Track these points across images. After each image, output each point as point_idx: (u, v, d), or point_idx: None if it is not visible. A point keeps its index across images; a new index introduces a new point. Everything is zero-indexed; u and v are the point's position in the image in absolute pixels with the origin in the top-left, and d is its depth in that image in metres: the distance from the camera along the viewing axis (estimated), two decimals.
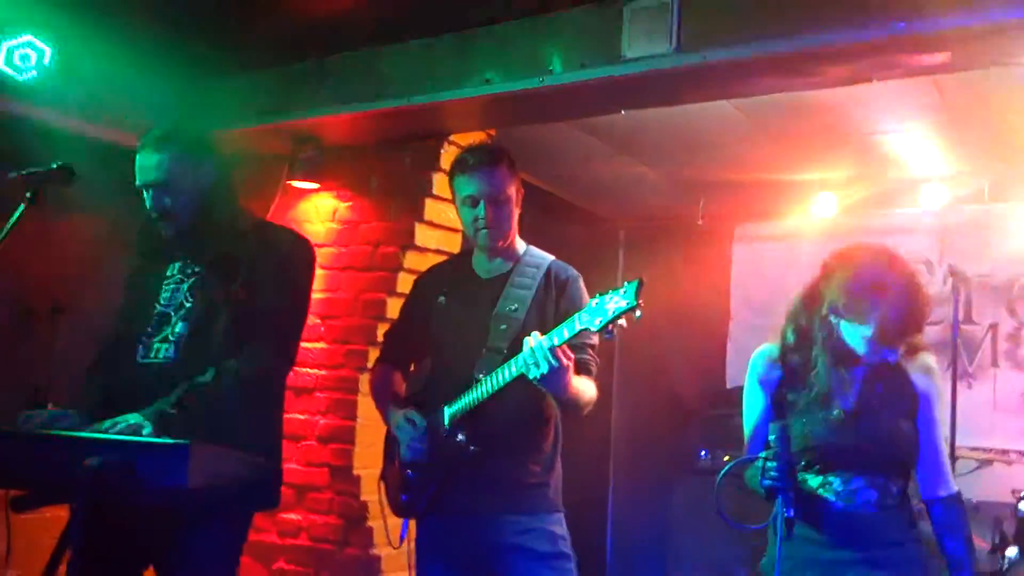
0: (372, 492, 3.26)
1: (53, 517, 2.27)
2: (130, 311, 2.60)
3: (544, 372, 2.31)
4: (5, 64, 3.35)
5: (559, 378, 2.35)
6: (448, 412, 2.59)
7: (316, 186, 4.38)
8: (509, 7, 3.41)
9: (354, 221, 4.35)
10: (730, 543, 4.64)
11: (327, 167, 4.32)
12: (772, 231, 5.74)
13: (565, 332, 2.33)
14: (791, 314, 2.40)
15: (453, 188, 2.72)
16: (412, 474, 2.69)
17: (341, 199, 4.40)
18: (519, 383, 2.43)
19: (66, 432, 2.18)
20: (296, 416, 4.23)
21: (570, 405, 2.55)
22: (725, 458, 2.58)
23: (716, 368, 5.85)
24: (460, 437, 2.55)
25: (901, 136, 4.42)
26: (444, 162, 4.08)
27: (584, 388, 2.53)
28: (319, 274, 4.35)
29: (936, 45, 2.85)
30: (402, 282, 4.11)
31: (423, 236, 4.19)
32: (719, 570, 4.82)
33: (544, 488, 2.63)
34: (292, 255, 2.60)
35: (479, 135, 4.05)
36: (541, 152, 4.77)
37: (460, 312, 2.71)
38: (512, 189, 2.67)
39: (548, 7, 3.35)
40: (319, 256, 4.33)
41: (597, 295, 2.30)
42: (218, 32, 3.71)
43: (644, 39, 3.14)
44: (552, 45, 3.34)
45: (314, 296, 4.28)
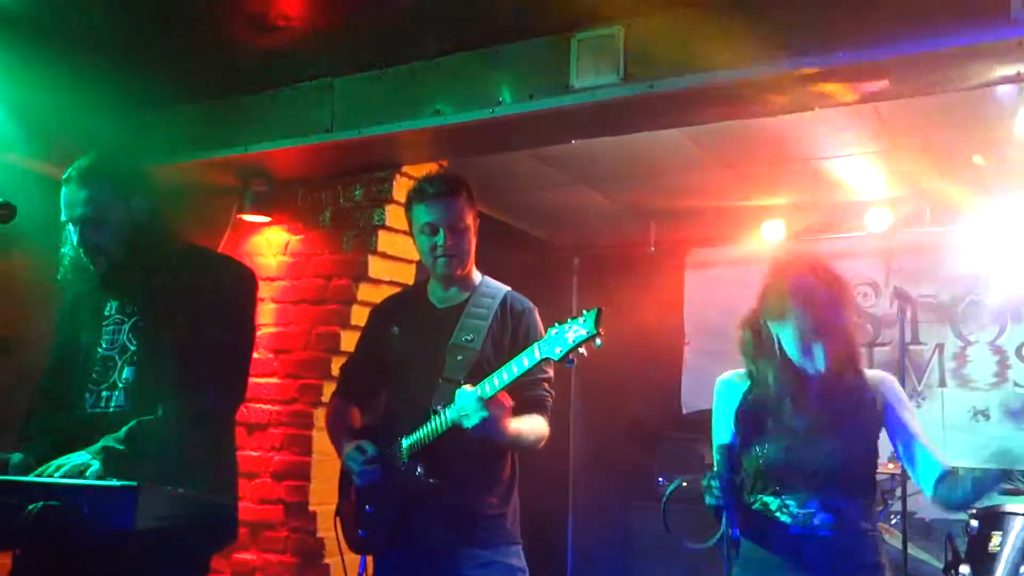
0: (328, 528, 3.20)
1: None
2: (70, 351, 2.52)
3: (475, 423, 2.34)
4: None
5: (492, 426, 2.37)
6: (406, 444, 2.57)
7: (267, 219, 4.35)
8: (459, 39, 3.44)
9: (306, 254, 4.32)
10: (694, 569, 4.65)
11: (278, 200, 4.29)
12: (723, 256, 5.82)
13: (525, 361, 2.34)
14: (740, 339, 2.45)
15: (411, 217, 2.72)
16: (370, 508, 2.65)
17: (293, 232, 4.37)
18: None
19: (7, 477, 2.11)
20: (250, 453, 4.16)
21: (512, 448, 2.56)
22: (684, 484, 2.60)
23: (673, 393, 5.89)
24: (418, 470, 2.53)
25: (845, 161, 4.53)
26: (397, 193, 4.08)
27: (528, 428, 2.53)
28: (271, 308, 4.32)
29: (874, 74, 2.93)
30: (356, 315, 4.09)
31: (376, 268, 4.17)
32: None
33: (502, 519, 2.61)
34: (233, 287, 2.54)
35: (431, 166, 4.06)
36: (494, 181, 4.80)
37: (415, 342, 2.70)
38: (470, 218, 2.68)
39: (498, 39, 3.39)
40: (271, 290, 4.34)
41: (556, 324, 2.31)
42: (165, 64, 3.68)
43: (592, 70, 3.19)
44: (502, 76, 3.38)
45: (267, 330, 4.30)
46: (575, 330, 2.26)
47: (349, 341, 3.77)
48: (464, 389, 2.40)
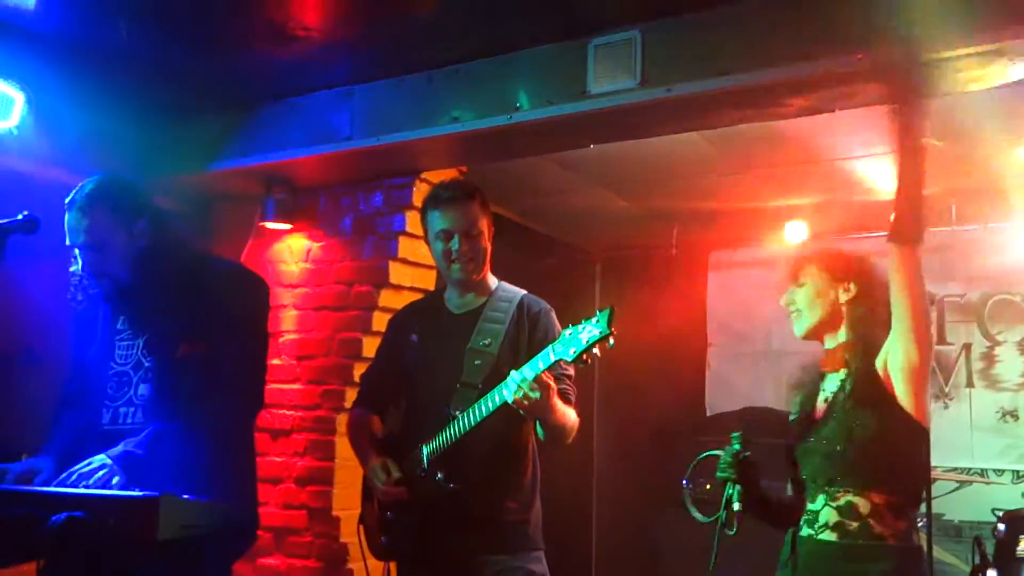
0: (352, 534, 3.23)
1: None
2: (86, 365, 2.54)
3: (532, 400, 2.33)
4: None
5: (544, 403, 2.37)
6: (426, 451, 2.58)
7: (289, 227, 4.38)
8: (476, 46, 3.44)
9: (328, 261, 4.35)
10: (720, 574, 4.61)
11: (299, 207, 4.33)
12: (746, 258, 5.78)
13: (540, 364, 2.34)
14: None
15: (426, 223, 2.73)
16: (392, 515, 2.67)
17: (314, 239, 4.40)
18: (496, 418, 2.44)
19: (33, 488, 2.15)
20: (273, 458, 4.19)
21: (557, 430, 2.55)
22: (707, 487, 2.60)
23: (696, 396, 5.86)
24: (439, 476, 2.54)
25: (867, 161, 4.48)
26: (416, 200, 4.09)
27: (568, 413, 2.54)
28: (293, 314, 4.36)
29: (892, 75, 2.90)
30: (377, 321, 4.10)
31: (397, 274, 4.19)
32: None
33: (524, 526, 2.62)
34: (243, 295, 2.54)
35: (450, 172, 4.07)
36: (515, 186, 4.80)
37: (433, 348, 2.71)
38: (484, 223, 2.68)
39: (514, 45, 3.39)
40: (293, 297, 4.37)
41: (571, 326, 2.32)
42: (188, 76, 3.73)
43: (609, 74, 3.19)
44: (519, 82, 3.38)
45: (289, 336, 4.32)
46: (588, 331, 2.27)
47: (371, 347, 3.79)
48: (513, 372, 2.37)
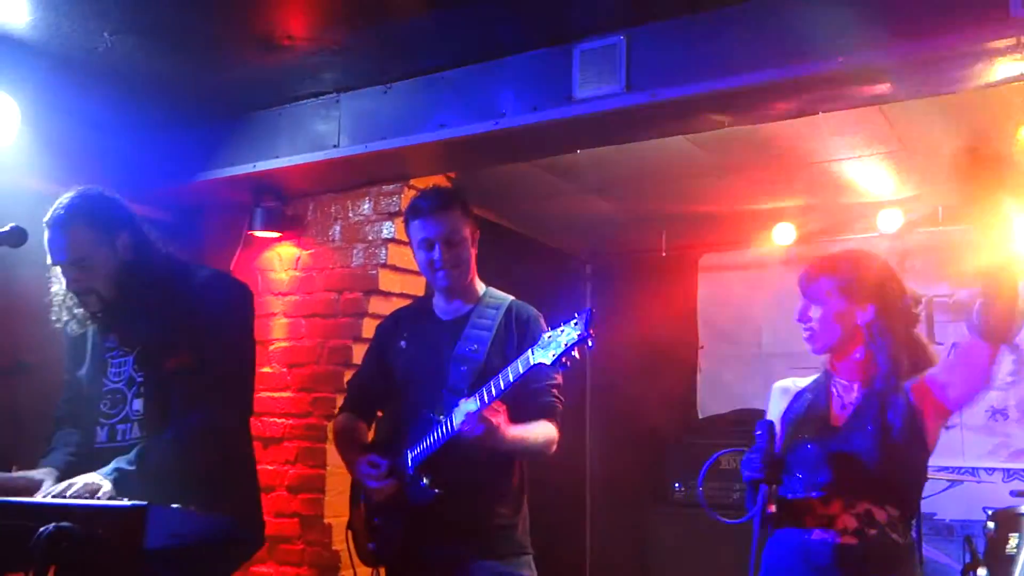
0: (343, 541, 3.22)
1: None
2: (78, 382, 2.54)
3: (475, 434, 2.34)
4: None
5: (490, 435, 2.37)
6: (411, 456, 2.59)
7: (278, 235, 4.39)
8: (461, 53, 3.46)
9: (317, 268, 4.35)
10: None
11: (288, 216, 4.34)
12: (735, 260, 5.81)
13: (520, 368, 2.33)
14: None
15: (409, 233, 2.74)
16: (379, 520, 2.67)
17: (303, 247, 4.41)
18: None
19: (21, 500, 2.14)
20: (265, 467, 4.19)
21: (518, 455, 2.56)
22: (700, 489, 2.60)
23: (688, 398, 5.88)
24: (424, 481, 2.54)
25: (854, 163, 4.51)
26: (405, 206, 4.09)
27: (534, 435, 2.53)
28: (283, 322, 4.36)
29: (876, 78, 2.92)
30: (367, 328, 4.11)
31: (387, 281, 4.20)
32: None
33: (512, 530, 2.62)
34: (227, 303, 2.54)
35: (439, 178, 4.08)
36: (504, 191, 4.82)
37: (421, 354, 2.72)
38: (467, 230, 2.69)
39: (499, 51, 3.41)
40: (283, 305, 4.37)
41: (549, 329, 2.31)
42: (175, 85, 3.73)
43: (594, 80, 3.20)
44: (505, 89, 3.40)
45: (279, 344, 4.32)
46: (567, 333, 2.25)
47: (361, 354, 3.76)
48: (461, 401, 2.41)
